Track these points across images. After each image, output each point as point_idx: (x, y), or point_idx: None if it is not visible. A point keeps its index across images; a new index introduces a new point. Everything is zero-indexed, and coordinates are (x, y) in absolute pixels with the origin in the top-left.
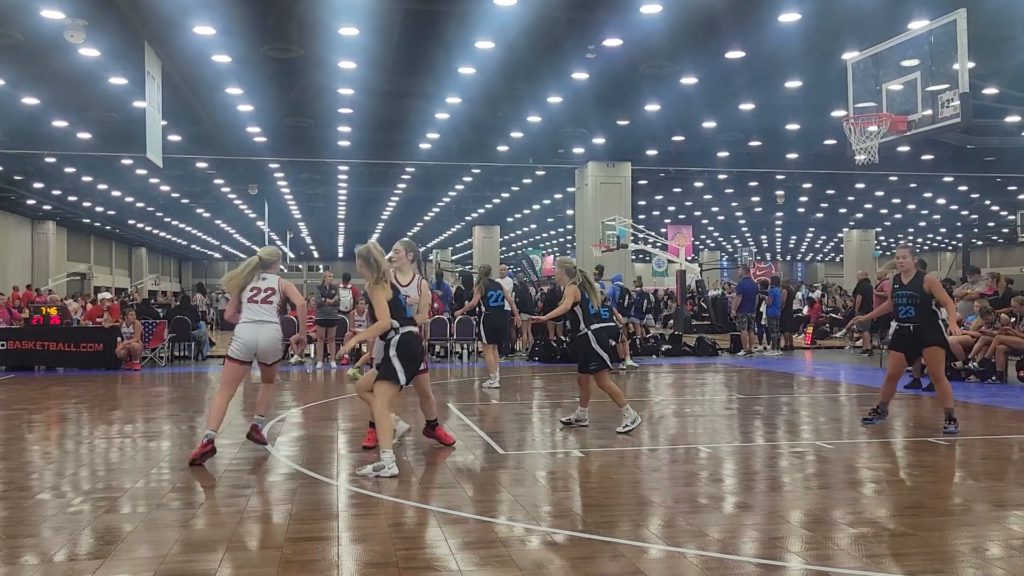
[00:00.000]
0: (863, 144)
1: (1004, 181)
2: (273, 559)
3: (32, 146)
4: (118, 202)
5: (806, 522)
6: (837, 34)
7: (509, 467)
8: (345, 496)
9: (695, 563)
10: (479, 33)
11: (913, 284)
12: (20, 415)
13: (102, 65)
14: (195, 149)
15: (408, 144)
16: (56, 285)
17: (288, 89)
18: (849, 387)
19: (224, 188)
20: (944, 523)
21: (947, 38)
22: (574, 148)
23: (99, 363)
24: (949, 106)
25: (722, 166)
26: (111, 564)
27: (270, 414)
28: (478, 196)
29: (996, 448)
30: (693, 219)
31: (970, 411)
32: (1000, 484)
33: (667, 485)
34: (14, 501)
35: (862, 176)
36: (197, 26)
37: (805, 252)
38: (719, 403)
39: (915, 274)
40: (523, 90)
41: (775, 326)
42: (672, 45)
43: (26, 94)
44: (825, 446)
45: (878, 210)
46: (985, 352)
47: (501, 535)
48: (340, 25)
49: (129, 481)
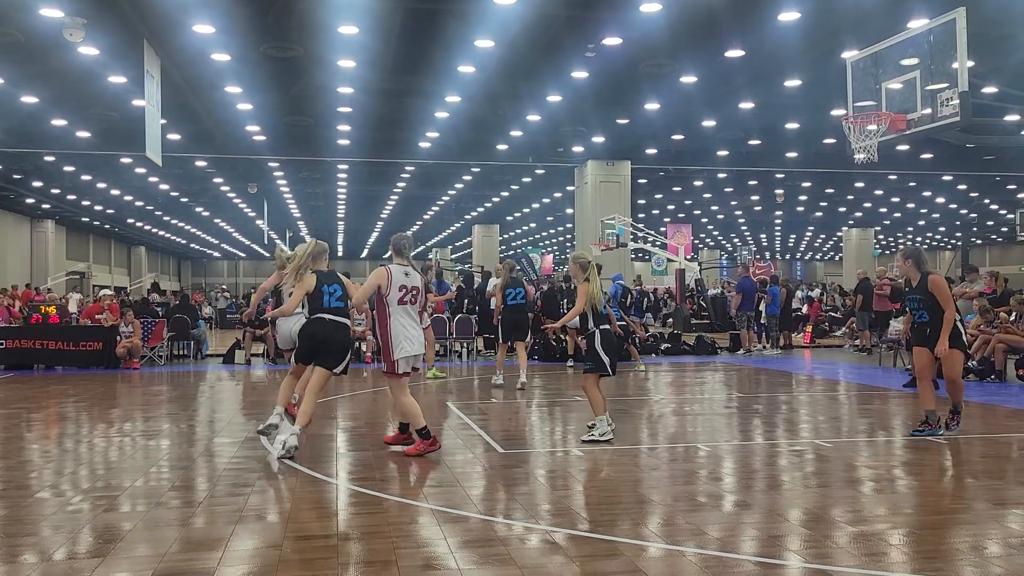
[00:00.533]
0: (862, 143)
1: (1003, 180)
2: (272, 558)
3: (31, 145)
4: (117, 201)
5: (805, 520)
6: (837, 33)
7: (508, 466)
8: (344, 495)
9: (694, 561)
10: (479, 31)
11: (919, 287)
12: (19, 414)
13: (101, 64)
14: (194, 148)
15: (408, 143)
16: (55, 284)
17: (288, 88)
18: (848, 386)
19: (223, 187)
20: (943, 521)
21: (947, 37)
22: (574, 147)
23: (98, 362)
24: (948, 105)
25: (722, 165)
26: (110, 563)
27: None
28: (478, 195)
29: (995, 447)
30: (692, 218)
31: (969, 410)
32: (999, 483)
33: (666, 483)
34: (13, 500)
35: (861, 175)
36: (196, 24)
37: (804, 251)
38: (718, 402)
39: (920, 276)
40: (523, 89)
41: (774, 325)
42: (672, 44)
43: (25, 93)
44: (824, 445)
45: (877, 209)
46: (984, 351)
47: (500, 534)
48: (340, 23)
49: (128, 480)
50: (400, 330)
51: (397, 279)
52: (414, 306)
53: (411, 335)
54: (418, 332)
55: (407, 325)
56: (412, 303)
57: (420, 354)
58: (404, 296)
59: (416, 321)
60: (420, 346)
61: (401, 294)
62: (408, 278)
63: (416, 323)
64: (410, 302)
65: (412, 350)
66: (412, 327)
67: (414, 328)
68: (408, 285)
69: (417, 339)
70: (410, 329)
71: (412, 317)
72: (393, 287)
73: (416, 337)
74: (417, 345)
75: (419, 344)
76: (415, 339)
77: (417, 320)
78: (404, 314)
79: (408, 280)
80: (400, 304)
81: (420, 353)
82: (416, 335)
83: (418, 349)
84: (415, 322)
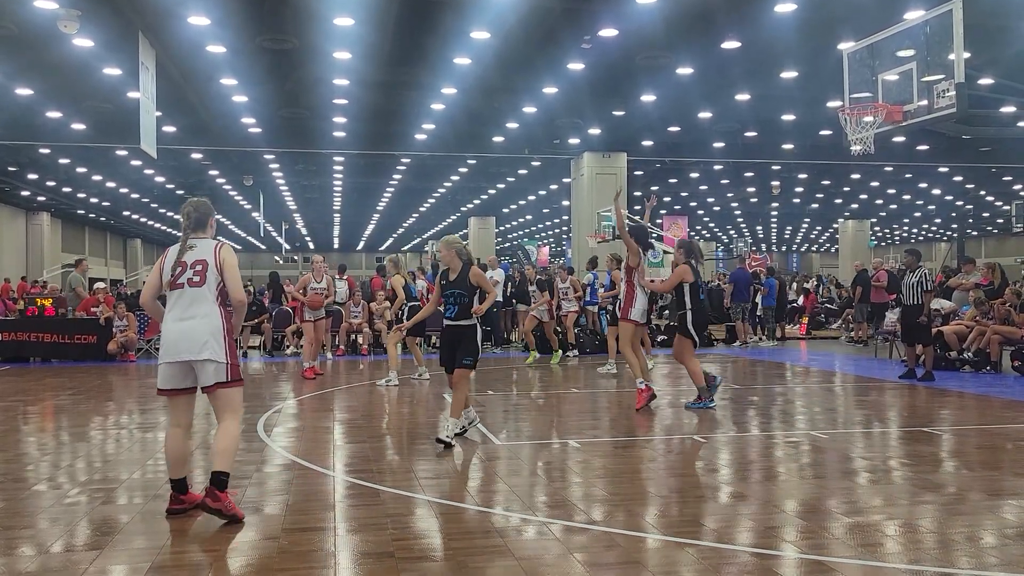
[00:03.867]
0: (859, 134)
1: (999, 171)
2: (270, 549)
3: (26, 137)
4: (113, 193)
5: (801, 511)
6: (833, 24)
7: (505, 457)
8: (342, 487)
9: (691, 552)
10: (475, 23)
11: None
12: (16, 407)
13: (96, 55)
14: (190, 140)
15: (403, 135)
16: (51, 276)
17: (283, 80)
18: (844, 377)
19: (219, 179)
20: (938, 512)
21: (943, 28)
22: (570, 139)
23: (94, 355)
24: (945, 96)
25: (718, 157)
26: (108, 555)
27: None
28: (473, 187)
29: (991, 438)
30: (689, 210)
31: (965, 401)
32: (995, 473)
33: (663, 475)
34: (10, 492)
35: (857, 166)
36: (191, 16)
37: (800, 243)
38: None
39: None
40: (519, 81)
41: (770, 317)
42: (668, 35)
43: (20, 85)
44: (820, 436)
45: (873, 201)
46: (980, 342)
47: (497, 525)
48: (335, 15)
49: (126, 472)
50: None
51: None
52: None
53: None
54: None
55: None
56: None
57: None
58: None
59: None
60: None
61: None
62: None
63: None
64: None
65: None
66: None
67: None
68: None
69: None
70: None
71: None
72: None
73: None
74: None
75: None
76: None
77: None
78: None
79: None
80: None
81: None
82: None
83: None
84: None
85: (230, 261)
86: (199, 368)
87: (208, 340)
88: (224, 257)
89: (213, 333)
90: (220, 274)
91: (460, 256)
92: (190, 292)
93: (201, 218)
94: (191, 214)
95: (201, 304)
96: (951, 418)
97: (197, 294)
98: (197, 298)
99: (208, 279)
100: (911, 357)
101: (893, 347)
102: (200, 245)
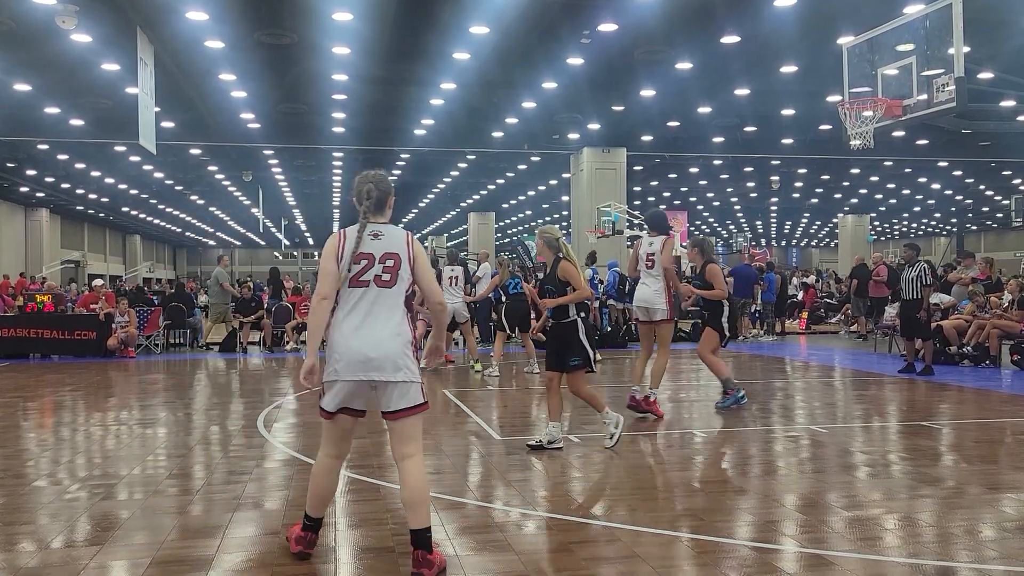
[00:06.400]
0: (858, 129)
1: (999, 166)
2: (270, 544)
3: (24, 133)
4: (112, 189)
5: (801, 506)
6: (833, 19)
7: (505, 453)
8: (342, 482)
9: (690, 546)
10: (474, 18)
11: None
12: (15, 403)
13: (94, 51)
14: (188, 136)
15: (403, 130)
16: (50, 272)
17: (282, 75)
18: (844, 372)
19: (218, 175)
20: (938, 506)
21: (942, 22)
22: (569, 134)
23: (94, 351)
24: (944, 91)
25: (717, 152)
26: (108, 550)
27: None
28: (473, 182)
29: (990, 432)
30: (688, 205)
31: (964, 395)
32: (993, 467)
33: (663, 469)
34: (10, 488)
35: (857, 161)
36: (190, 11)
37: (800, 237)
38: (714, 388)
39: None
40: (518, 76)
41: (770, 311)
42: (667, 30)
43: (18, 80)
44: (819, 430)
45: (873, 195)
46: (979, 337)
47: (498, 520)
48: (334, 10)
49: (126, 468)
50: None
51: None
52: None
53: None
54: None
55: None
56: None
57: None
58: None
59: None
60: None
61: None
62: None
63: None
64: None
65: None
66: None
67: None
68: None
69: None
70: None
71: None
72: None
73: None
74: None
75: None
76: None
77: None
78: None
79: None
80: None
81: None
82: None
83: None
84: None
85: (424, 257)
86: (385, 390)
87: (403, 358)
88: (418, 252)
89: (406, 348)
90: (412, 272)
91: (550, 247)
92: (377, 294)
93: (382, 196)
94: (371, 192)
95: (392, 310)
96: (950, 412)
97: (386, 297)
98: (386, 302)
99: (400, 279)
100: (910, 351)
101: (892, 341)
102: (387, 233)
